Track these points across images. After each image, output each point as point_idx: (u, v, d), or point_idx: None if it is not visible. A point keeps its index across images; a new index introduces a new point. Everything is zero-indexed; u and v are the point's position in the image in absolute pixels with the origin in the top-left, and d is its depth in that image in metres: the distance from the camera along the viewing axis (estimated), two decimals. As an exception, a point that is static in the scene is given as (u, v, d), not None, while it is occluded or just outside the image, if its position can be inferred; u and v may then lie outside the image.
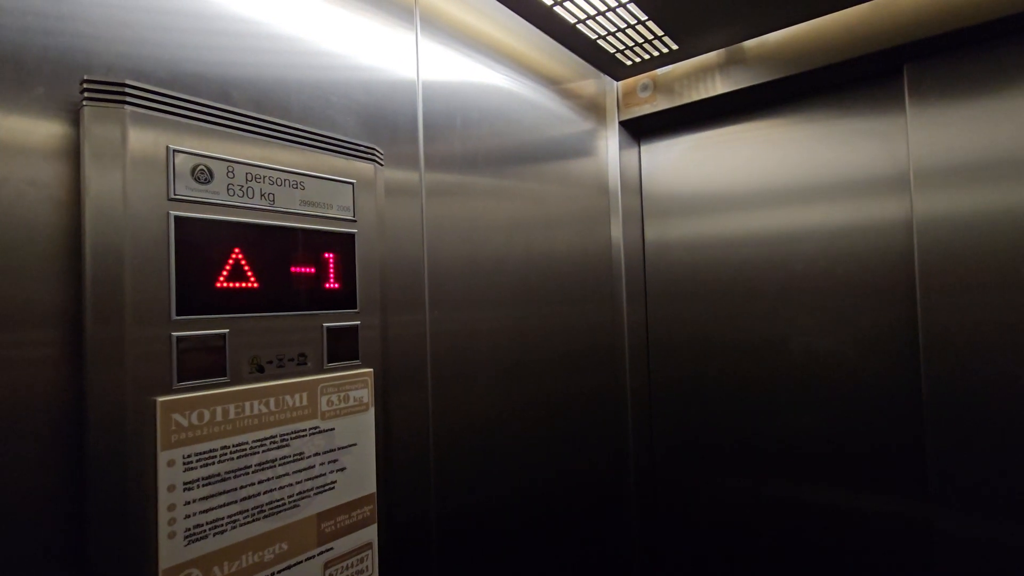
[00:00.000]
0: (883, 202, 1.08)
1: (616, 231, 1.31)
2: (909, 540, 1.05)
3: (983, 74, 0.96)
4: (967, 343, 0.96)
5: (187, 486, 0.50)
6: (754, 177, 1.24)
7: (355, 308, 0.66)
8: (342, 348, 0.64)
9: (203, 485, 0.51)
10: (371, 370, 0.68)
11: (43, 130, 0.47)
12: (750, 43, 1.14)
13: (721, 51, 1.18)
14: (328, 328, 0.63)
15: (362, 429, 0.66)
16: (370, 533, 0.66)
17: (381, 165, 0.72)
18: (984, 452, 0.95)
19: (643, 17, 1.01)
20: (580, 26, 1.05)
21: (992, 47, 0.95)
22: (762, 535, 1.22)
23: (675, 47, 1.15)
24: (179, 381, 0.51)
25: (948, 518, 0.98)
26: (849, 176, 1.12)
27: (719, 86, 1.18)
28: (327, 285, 0.63)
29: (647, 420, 1.38)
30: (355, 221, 0.67)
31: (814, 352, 1.16)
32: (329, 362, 0.63)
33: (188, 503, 0.50)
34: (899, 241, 1.06)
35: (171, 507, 0.49)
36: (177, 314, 0.51)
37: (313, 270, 0.62)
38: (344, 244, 0.65)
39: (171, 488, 0.49)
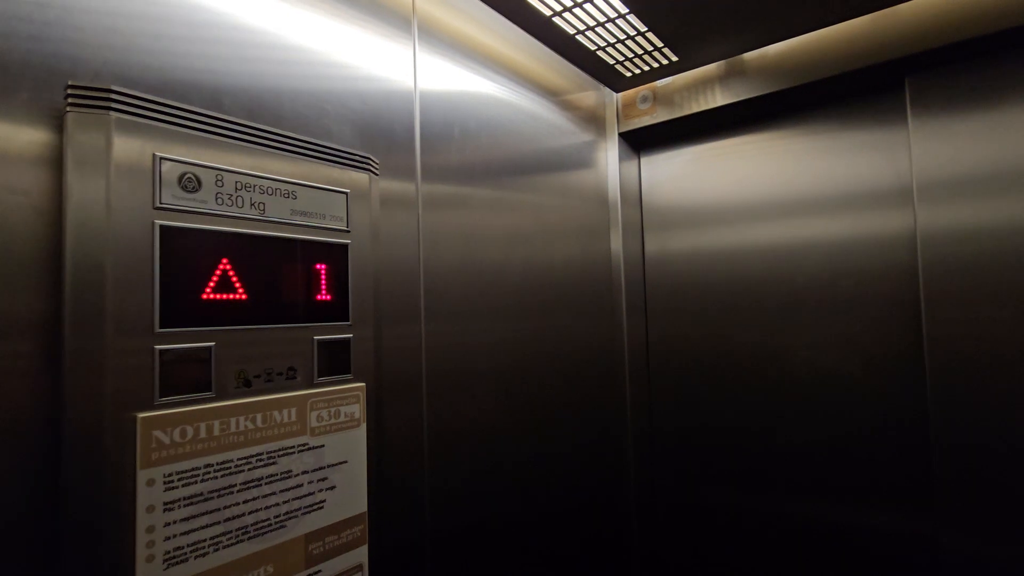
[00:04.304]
0: (886, 215, 1.07)
1: (616, 243, 1.30)
2: (914, 558, 1.02)
3: (986, 86, 0.95)
4: (974, 356, 0.94)
5: (167, 506, 0.48)
6: (754, 190, 1.23)
7: (347, 320, 0.64)
8: (333, 362, 0.62)
9: (184, 505, 0.49)
10: (363, 384, 0.66)
11: (25, 136, 0.45)
12: (750, 55, 1.13)
13: (721, 63, 1.17)
14: (319, 341, 0.61)
15: (353, 446, 0.64)
16: (360, 554, 0.64)
17: (376, 175, 0.71)
18: (992, 468, 0.92)
19: (643, 28, 1.01)
20: (579, 37, 1.04)
21: (994, 59, 0.94)
22: (765, 552, 1.19)
23: (675, 58, 1.14)
24: (161, 396, 0.49)
25: (955, 537, 0.95)
26: (851, 189, 1.11)
27: (719, 98, 1.18)
28: (318, 297, 0.61)
29: (647, 435, 1.35)
30: (348, 231, 0.65)
31: (817, 367, 1.14)
32: (320, 376, 0.61)
33: (168, 524, 0.48)
34: (902, 254, 1.04)
35: (150, 529, 0.47)
36: (161, 326, 0.49)
37: (304, 281, 0.60)
38: (337, 255, 0.63)
39: (150, 509, 0.47)
